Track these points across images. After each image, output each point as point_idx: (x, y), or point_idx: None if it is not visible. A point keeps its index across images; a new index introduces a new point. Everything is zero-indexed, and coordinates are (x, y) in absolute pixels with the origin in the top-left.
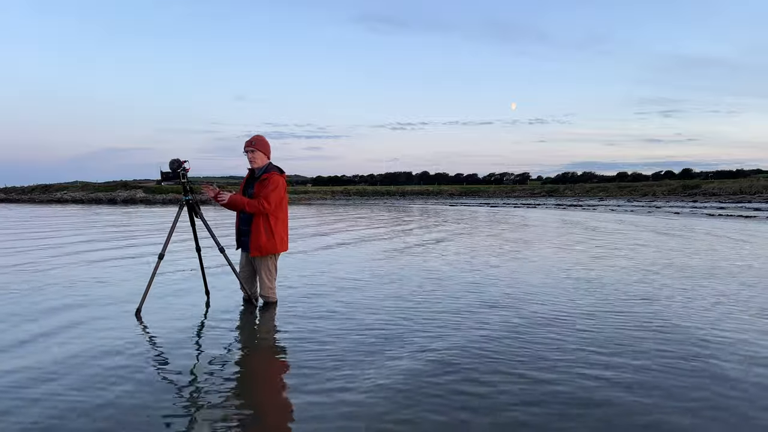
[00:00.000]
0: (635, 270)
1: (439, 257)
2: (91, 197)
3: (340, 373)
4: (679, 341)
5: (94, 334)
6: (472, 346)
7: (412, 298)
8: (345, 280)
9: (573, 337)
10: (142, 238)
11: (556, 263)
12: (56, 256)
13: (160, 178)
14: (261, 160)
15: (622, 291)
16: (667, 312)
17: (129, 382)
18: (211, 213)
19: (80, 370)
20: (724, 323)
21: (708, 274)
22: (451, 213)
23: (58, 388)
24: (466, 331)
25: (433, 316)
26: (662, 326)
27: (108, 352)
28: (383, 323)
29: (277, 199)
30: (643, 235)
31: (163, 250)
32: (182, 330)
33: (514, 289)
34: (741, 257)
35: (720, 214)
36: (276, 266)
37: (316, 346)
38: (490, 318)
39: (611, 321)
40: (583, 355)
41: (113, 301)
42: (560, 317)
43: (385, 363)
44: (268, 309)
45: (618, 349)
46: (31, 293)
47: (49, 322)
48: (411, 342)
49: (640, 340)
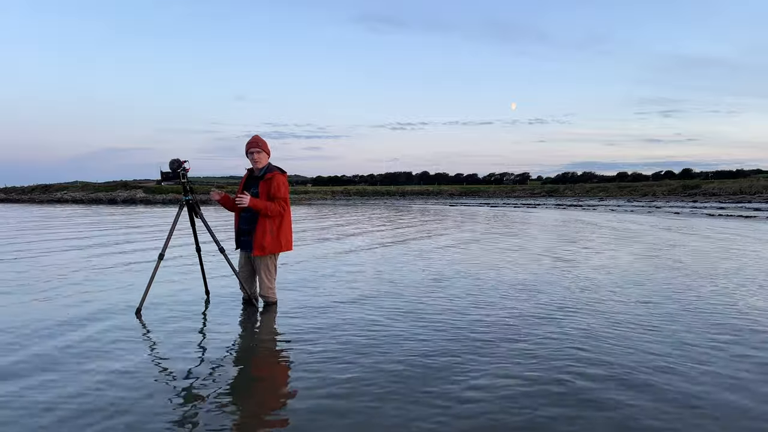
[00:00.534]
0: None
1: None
2: (91, 197)
3: (341, 374)
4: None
5: (94, 332)
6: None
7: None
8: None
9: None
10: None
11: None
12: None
13: (160, 178)
14: (265, 160)
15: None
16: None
17: (129, 383)
18: (211, 213)
19: (79, 370)
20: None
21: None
22: (468, 214)
23: (59, 387)
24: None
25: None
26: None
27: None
28: (383, 324)
29: (288, 199)
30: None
31: (163, 250)
32: (182, 330)
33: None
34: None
35: (720, 214)
36: (276, 266)
37: (316, 346)
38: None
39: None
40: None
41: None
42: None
43: (386, 362)
44: (268, 309)
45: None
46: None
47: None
48: (411, 342)
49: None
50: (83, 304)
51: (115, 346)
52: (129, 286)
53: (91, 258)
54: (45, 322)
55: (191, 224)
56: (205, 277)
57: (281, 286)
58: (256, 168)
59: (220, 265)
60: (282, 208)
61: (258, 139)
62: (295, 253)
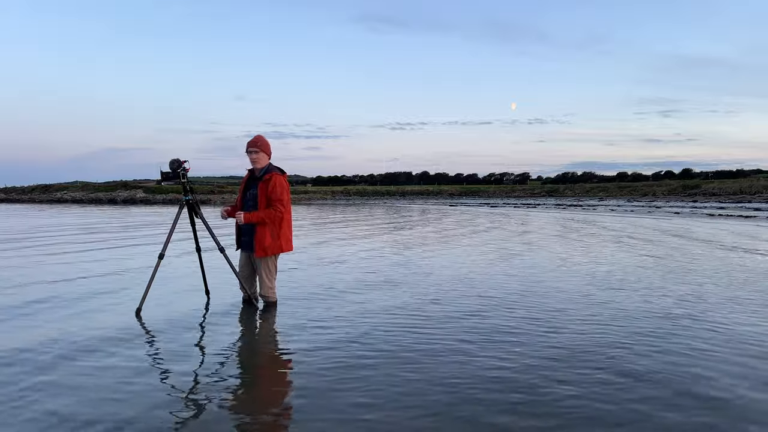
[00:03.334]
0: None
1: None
2: (91, 197)
3: (342, 374)
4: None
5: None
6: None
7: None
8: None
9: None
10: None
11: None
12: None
13: (160, 178)
14: (263, 160)
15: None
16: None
17: (128, 383)
18: (211, 214)
19: (79, 369)
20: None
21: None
22: (479, 215)
23: (60, 387)
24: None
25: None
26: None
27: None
28: (381, 324)
29: (288, 199)
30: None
31: (163, 250)
32: (182, 330)
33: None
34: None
35: (720, 214)
36: (276, 266)
37: (317, 346)
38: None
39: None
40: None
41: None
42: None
43: (386, 362)
44: (268, 309)
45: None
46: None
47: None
48: (408, 339)
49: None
50: (83, 304)
51: (115, 345)
52: (129, 286)
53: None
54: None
55: (191, 224)
56: (205, 277)
57: (281, 286)
58: (255, 168)
59: (220, 266)
60: (279, 212)
61: (258, 139)
62: (303, 254)
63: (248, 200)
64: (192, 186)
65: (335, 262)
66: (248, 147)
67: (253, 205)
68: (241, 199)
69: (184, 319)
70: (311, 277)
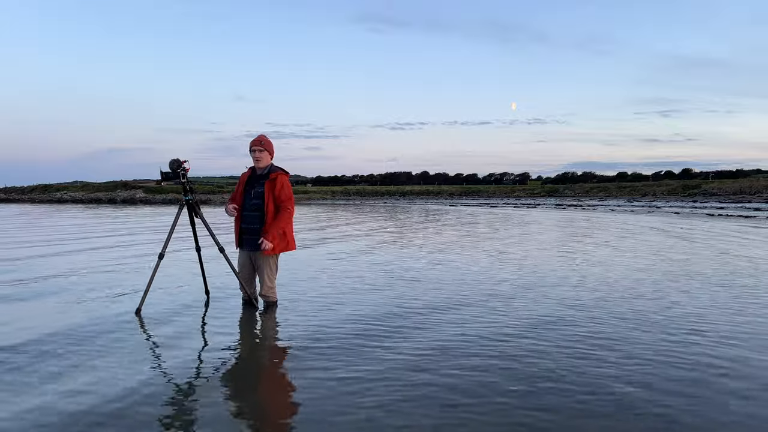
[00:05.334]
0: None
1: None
2: (91, 197)
3: (342, 374)
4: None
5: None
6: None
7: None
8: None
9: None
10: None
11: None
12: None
13: (160, 178)
14: (267, 159)
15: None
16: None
17: (128, 383)
18: (211, 214)
19: (77, 369)
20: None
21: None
22: (485, 216)
23: (57, 385)
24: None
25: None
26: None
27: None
28: (381, 321)
29: (292, 198)
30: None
31: (163, 250)
32: (182, 330)
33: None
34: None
35: (720, 214)
36: (277, 265)
37: (317, 346)
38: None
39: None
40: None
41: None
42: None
43: (385, 361)
44: (269, 309)
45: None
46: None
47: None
48: (407, 337)
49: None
50: (83, 304)
51: (113, 344)
52: (128, 287)
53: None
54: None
55: (191, 224)
56: (205, 277)
57: (286, 286)
58: (258, 167)
59: (220, 265)
60: (291, 212)
61: (263, 138)
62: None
63: (253, 198)
64: (192, 186)
65: (335, 260)
66: (253, 145)
67: (259, 202)
68: (242, 195)
69: (184, 319)
70: (312, 278)
